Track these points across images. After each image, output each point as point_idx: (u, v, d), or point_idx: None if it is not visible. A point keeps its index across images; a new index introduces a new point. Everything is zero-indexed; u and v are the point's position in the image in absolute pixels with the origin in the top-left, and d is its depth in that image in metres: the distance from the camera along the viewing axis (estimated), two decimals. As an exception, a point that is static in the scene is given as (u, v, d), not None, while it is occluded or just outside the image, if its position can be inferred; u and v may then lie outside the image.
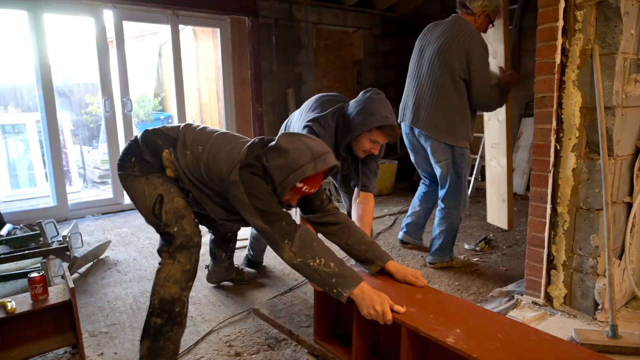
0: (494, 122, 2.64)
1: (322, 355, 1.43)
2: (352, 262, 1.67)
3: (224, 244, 2.21)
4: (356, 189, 1.94)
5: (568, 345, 1.15)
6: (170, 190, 1.55)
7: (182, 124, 1.67)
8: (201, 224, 1.92)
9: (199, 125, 1.68)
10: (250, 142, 1.54)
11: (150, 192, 1.52)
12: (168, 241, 1.52)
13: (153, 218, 1.53)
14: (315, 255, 1.32)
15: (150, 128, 1.65)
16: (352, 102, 1.78)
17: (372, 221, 1.89)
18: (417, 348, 1.20)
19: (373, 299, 1.23)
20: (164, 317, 1.48)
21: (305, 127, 1.84)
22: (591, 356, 1.08)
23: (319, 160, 1.36)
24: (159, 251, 1.57)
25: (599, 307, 1.84)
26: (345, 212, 2.13)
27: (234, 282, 2.40)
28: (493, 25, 2.40)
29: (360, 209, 1.86)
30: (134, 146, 1.62)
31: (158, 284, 1.49)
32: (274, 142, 1.46)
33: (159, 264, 1.55)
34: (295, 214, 1.68)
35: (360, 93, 1.80)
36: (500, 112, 2.54)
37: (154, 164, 1.58)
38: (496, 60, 2.51)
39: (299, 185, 1.38)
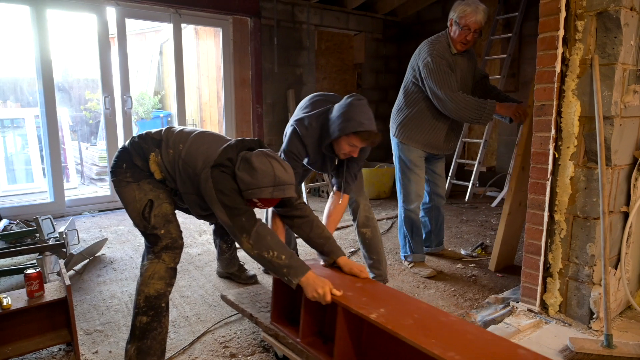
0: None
1: (275, 334, 1.61)
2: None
3: (224, 234, 2.35)
4: (334, 188, 2.07)
5: (467, 324, 1.33)
6: (160, 195, 1.66)
7: (164, 128, 1.78)
8: (198, 218, 2.09)
9: (179, 127, 1.80)
10: (227, 144, 1.63)
11: (141, 197, 1.63)
12: (154, 242, 1.61)
13: (142, 220, 1.62)
14: (269, 248, 1.49)
15: (135, 135, 1.76)
16: (336, 106, 1.87)
17: (339, 219, 2.03)
18: (351, 325, 1.40)
19: (316, 284, 1.43)
20: (150, 315, 1.54)
21: (291, 126, 1.95)
22: (483, 333, 1.28)
23: (277, 189, 1.51)
24: (144, 256, 1.65)
25: (594, 315, 1.85)
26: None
27: (233, 278, 2.42)
28: (479, 36, 2.32)
29: (332, 207, 2.02)
30: (124, 153, 1.71)
31: (142, 284, 1.57)
32: (250, 155, 1.56)
33: (143, 265, 1.62)
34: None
35: (344, 98, 1.87)
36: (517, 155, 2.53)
37: (143, 169, 1.67)
38: None
39: (255, 200, 1.55)
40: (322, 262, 1.75)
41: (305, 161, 1.99)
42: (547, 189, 1.92)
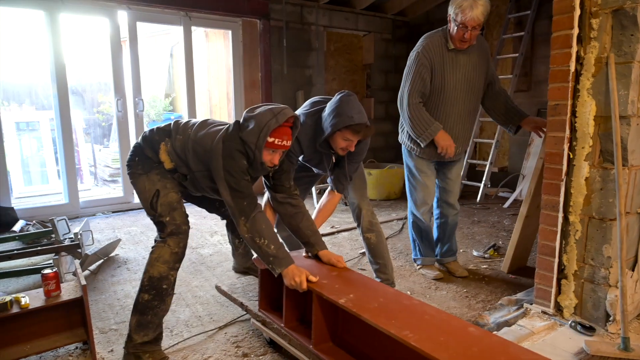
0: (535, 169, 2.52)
1: (263, 320, 1.75)
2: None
3: (235, 229, 2.39)
4: (329, 187, 2.12)
5: (427, 307, 1.43)
6: (167, 185, 1.75)
7: (172, 121, 1.88)
8: (209, 211, 2.31)
9: (185, 119, 1.91)
10: (229, 124, 1.75)
11: (150, 187, 1.73)
12: (161, 229, 1.73)
13: (150, 209, 1.73)
14: (262, 236, 1.60)
15: (146, 130, 1.86)
16: (327, 104, 1.93)
17: (328, 216, 2.11)
18: (326, 310, 1.52)
19: (294, 273, 1.55)
20: (152, 293, 1.67)
21: None
22: (440, 314, 1.37)
23: (280, 115, 1.60)
24: (156, 239, 1.76)
25: (611, 318, 1.82)
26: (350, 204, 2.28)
27: (251, 272, 2.47)
28: (481, 32, 2.17)
29: (323, 202, 2.12)
30: (137, 147, 1.82)
31: (149, 264, 1.69)
32: (242, 118, 1.68)
33: (152, 247, 1.73)
34: (265, 196, 1.94)
35: (335, 95, 1.93)
36: (539, 162, 2.43)
37: (153, 159, 1.77)
38: None
39: (271, 139, 1.60)
40: (303, 254, 1.87)
41: (300, 158, 2.03)
42: (561, 190, 1.90)
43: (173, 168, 1.77)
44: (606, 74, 1.73)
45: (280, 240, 1.70)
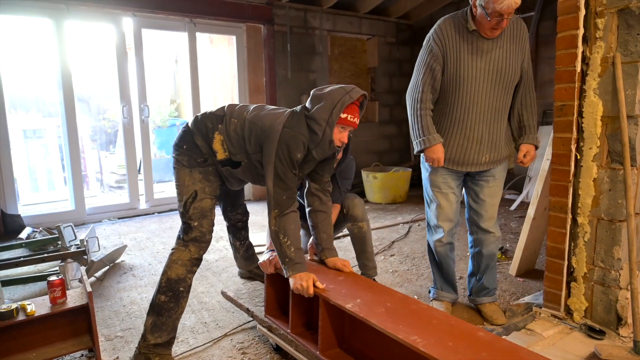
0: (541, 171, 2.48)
1: (269, 326, 1.75)
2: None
3: (236, 232, 2.43)
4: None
5: (434, 311, 1.42)
6: (205, 189, 1.74)
7: (226, 105, 1.85)
8: (224, 210, 2.34)
9: (240, 103, 1.88)
10: (293, 109, 1.74)
11: (189, 185, 1.73)
12: (185, 231, 1.72)
13: (183, 209, 1.73)
14: (286, 235, 1.59)
15: (199, 114, 1.82)
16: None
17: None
18: (332, 315, 1.51)
19: (301, 278, 1.54)
20: (168, 295, 1.68)
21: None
22: (448, 318, 1.35)
23: (352, 92, 1.59)
24: (178, 237, 1.75)
25: (622, 321, 1.78)
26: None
27: (256, 277, 2.46)
28: (503, 18, 1.69)
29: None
30: (187, 132, 1.79)
31: (167, 266, 1.70)
32: (309, 99, 1.67)
33: (172, 249, 1.73)
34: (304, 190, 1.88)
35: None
36: (546, 164, 2.42)
37: (202, 149, 1.74)
38: None
39: (344, 115, 1.58)
40: (308, 257, 1.86)
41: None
42: (569, 191, 1.87)
43: (226, 158, 1.73)
44: (612, 73, 1.71)
45: (302, 244, 1.68)
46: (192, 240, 1.70)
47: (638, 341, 1.61)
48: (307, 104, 1.65)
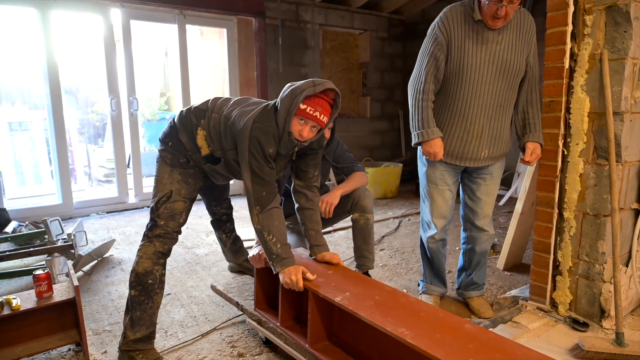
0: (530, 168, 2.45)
1: (258, 319, 1.75)
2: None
3: (221, 224, 2.43)
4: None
5: (423, 304, 1.42)
6: (181, 191, 1.75)
7: (211, 98, 1.82)
8: (208, 205, 2.34)
9: (225, 97, 1.86)
10: (266, 103, 1.70)
11: (167, 184, 1.74)
12: (151, 227, 1.74)
13: (155, 205, 1.74)
14: (271, 232, 1.57)
15: (184, 109, 1.81)
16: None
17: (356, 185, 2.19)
18: (321, 308, 1.51)
19: (290, 272, 1.53)
20: (138, 289, 1.69)
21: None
22: (436, 311, 1.37)
23: (319, 85, 1.52)
24: (144, 234, 1.76)
25: (605, 314, 1.82)
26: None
27: (246, 271, 2.45)
28: (523, 5, 1.74)
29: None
30: (172, 129, 1.78)
31: (135, 262, 1.71)
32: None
33: (140, 245, 1.75)
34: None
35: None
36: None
37: (186, 146, 1.74)
38: None
39: (303, 106, 1.52)
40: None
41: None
42: (556, 187, 1.90)
43: (209, 154, 1.72)
44: (600, 70, 1.74)
45: (288, 239, 1.66)
46: (156, 236, 1.71)
47: (620, 333, 1.65)
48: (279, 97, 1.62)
